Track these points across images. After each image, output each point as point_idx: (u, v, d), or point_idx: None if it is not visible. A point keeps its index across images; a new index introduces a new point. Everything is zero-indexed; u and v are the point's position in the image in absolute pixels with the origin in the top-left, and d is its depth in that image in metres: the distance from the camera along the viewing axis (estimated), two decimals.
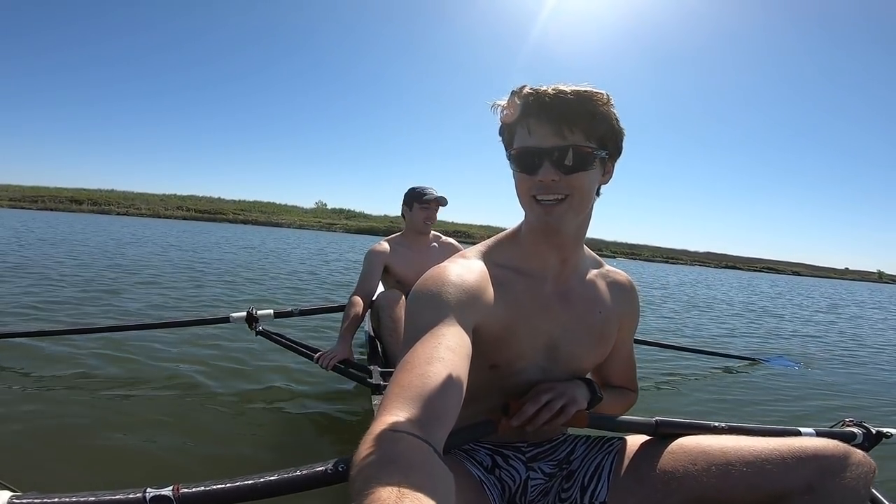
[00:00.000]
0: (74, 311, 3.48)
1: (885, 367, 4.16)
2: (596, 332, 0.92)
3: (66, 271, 5.33)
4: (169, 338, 2.80)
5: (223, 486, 0.65)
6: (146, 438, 1.68)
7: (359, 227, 38.93)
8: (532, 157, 0.77)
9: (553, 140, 0.76)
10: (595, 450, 0.91)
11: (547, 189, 0.78)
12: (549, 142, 0.76)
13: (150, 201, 40.01)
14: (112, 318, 3.36)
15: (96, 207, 34.52)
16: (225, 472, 0.68)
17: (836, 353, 4.69)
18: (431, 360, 0.61)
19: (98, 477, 1.43)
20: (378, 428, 0.50)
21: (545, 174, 0.76)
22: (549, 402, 0.84)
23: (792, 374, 3.49)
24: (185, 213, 36.74)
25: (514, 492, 0.90)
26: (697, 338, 4.77)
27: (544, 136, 0.76)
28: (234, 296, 4.87)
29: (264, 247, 13.28)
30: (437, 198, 2.37)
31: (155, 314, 3.63)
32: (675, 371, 3.21)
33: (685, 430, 0.86)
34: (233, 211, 40.29)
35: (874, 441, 0.97)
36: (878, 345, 5.53)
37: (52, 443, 1.59)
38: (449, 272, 0.78)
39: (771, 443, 0.79)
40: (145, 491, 0.63)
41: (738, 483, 0.76)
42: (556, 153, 0.76)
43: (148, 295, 4.38)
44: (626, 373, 1.06)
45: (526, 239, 0.88)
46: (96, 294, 4.17)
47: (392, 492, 0.38)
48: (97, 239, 10.68)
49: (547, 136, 0.76)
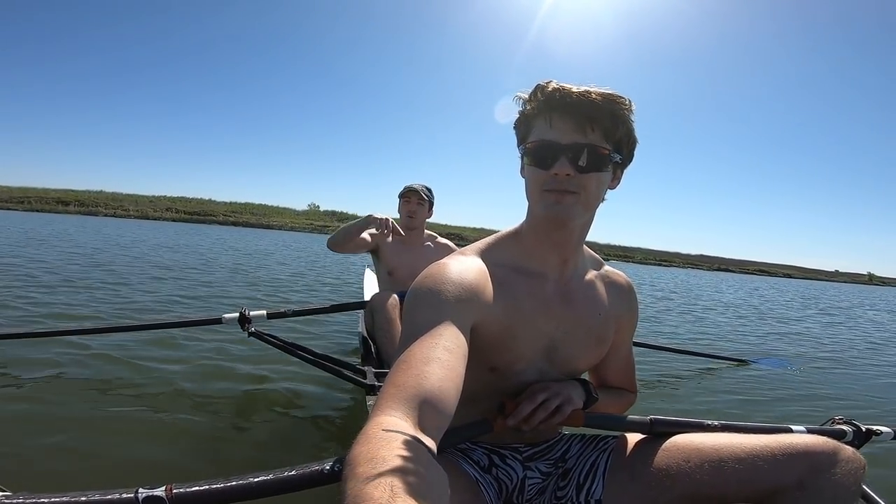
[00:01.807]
0: (63, 312, 3.43)
1: (874, 367, 4.22)
2: (595, 333, 0.92)
3: (54, 272, 5.25)
4: (160, 339, 2.76)
5: (216, 486, 0.64)
6: (138, 439, 1.66)
7: None
8: (549, 150, 0.77)
9: (573, 136, 0.76)
10: (590, 448, 0.92)
11: (559, 184, 0.78)
12: (569, 137, 0.76)
13: (140, 202, 39.52)
14: (102, 320, 3.31)
15: (84, 209, 34.03)
16: (218, 473, 0.68)
17: (826, 353, 4.75)
18: (428, 361, 0.61)
19: (89, 477, 1.41)
20: (372, 427, 0.50)
21: (560, 168, 0.77)
22: (545, 401, 0.84)
23: (782, 375, 3.52)
24: (175, 215, 36.29)
25: (512, 491, 0.90)
26: (688, 339, 4.80)
27: (565, 130, 0.77)
28: (226, 297, 4.82)
29: (251, 248, 13.19)
30: (410, 189, 2.36)
31: (145, 315, 3.58)
32: (666, 372, 3.23)
33: (679, 428, 0.87)
34: (223, 213, 39.90)
35: (864, 439, 0.98)
36: (868, 345, 5.60)
37: (43, 443, 1.57)
38: (448, 270, 0.78)
39: (762, 440, 0.80)
40: (137, 491, 0.62)
41: (730, 479, 0.77)
42: (573, 150, 0.76)
43: (138, 296, 4.33)
44: (624, 374, 1.06)
45: (528, 237, 0.88)
46: (85, 296, 4.11)
47: (384, 491, 0.38)
48: (85, 240, 10.54)
49: (567, 132, 0.77)
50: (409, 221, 2.38)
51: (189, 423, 1.82)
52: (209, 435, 1.75)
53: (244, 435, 1.79)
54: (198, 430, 1.78)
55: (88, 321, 3.22)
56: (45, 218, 22.08)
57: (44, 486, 1.35)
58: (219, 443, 1.71)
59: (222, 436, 1.76)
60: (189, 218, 36.03)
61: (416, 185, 2.39)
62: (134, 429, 1.73)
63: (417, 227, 2.40)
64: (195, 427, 1.80)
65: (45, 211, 31.33)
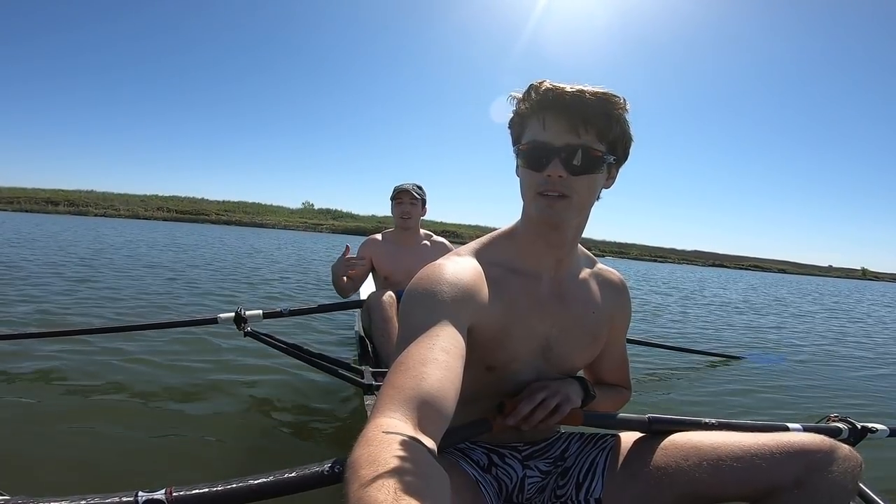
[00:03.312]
0: (54, 314, 3.39)
1: (869, 363, 4.26)
2: (590, 331, 0.93)
3: (42, 274, 5.20)
4: (155, 339, 2.74)
5: (216, 489, 0.64)
6: (137, 441, 1.65)
7: (346, 227, 38.59)
8: (542, 152, 0.77)
9: (566, 137, 0.76)
10: (589, 447, 0.92)
11: (552, 185, 0.78)
12: (563, 139, 0.76)
13: (131, 202, 39.16)
14: (96, 320, 3.28)
15: (73, 208, 33.69)
16: (217, 475, 0.67)
17: (821, 349, 4.80)
18: (426, 362, 0.61)
19: (88, 480, 1.40)
20: (372, 429, 0.50)
21: (553, 170, 0.76)
22: (543, 400, 0.85)
23: (778, 371, 3.56)
24: (166, 214, 35.97)
25: (511, 490, 0.90)
26: (683, 335, 4.84)
27: (559, 132, 0.76)
28: (221, 296, 4.80)
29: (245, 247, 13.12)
30: (401, 190, 2.33)
31: (139, 316, 3.55)
32: (662, 369, 3.26)
33: (677, 426, 0.88)
34: (216, 211, 39.64)
35: (860, 436, 0.99)
36: (863, 341, 5.66)
37: (41, 446, 1.56)
38: (444, 270, 0.78)
39: (759, 438, 0.80)
40: (137, 494, 0.61)
41: (728, 478, 0.77)
42: (566, 151, 0.76)
43: (129, 296, 4.29)
44: (619, 371, 1.07)
45: (522, 237, 0.88)
46: (79, 296, 4.07)
47: (388, 493, 0.38)
48: (75, 240, 10.44)
49: (561, 133, 0.76)
50: (404, 223, 2.36)
51: (186, 425, 1.82)
52: (208, 436, 1.74)
53: (242, 436, 1.79)
54: (196, 431, 1.77)
55: (82, 323, 3.18)
56: (35, 219, 21.83)
57: (43, 489, 1.34)
58: (217, 444, 1.70)
59: (221, 437, 1.75)
60: (181, 217, 35.77)
61: (407, 185, 2.36)
62: (132, 431, 1.72)
63: (412, 228, 2.39)
64: (193, 429, 1.79)
65: (35, 211, 31.00)
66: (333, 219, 44.87)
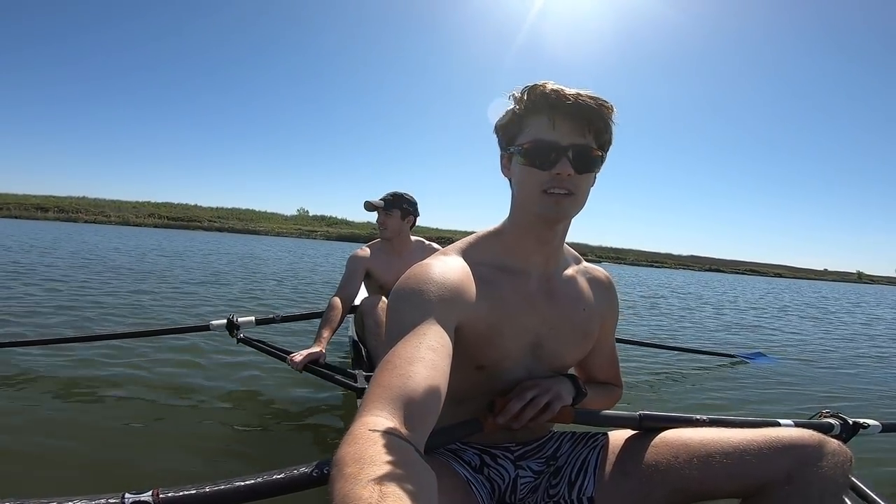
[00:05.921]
0: (48, 321, 3.36)
1: (861, 362, 4.31)
2: (580, 328, 0.93)
3: (35, 280, 5.14)
4: (147, 347, 2.72)
5: (204, 490, 0.63)
6: (125, 445, 1.65)
7: (339, 233, 38.54)
8: (550, 151, 0.78)
9: (573, 137, 0.78)
10: (581, 445, 0.92)
11: (560, 183, 0.79)
12: (570, 139, 0.78)
13: (122, 208, 38.91)
14: (88, 328, 3.25)
15: (63, 215, 33.40)
16: (206, 477, 0.67)
17: (814, 349, 4.85)
18: (413, 360, 0.61)
19: (76, 482, 1.39)
20: (358, 427, 0.50)
21: (563, 168, 0.78)
22: (534, 398, 0.84)
23: (771, 370, 3.58)
24: (157, 221, 35.74)
25: (504, 490, 0.90)
26: (679, 336, 4.86)
27: (567, 132, 0.78)
28: (213, 303, 4.76)
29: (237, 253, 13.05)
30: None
31: (132, 323, 3.52)
32: (656, 369, 3.27)
33: (668, 423, 0.88)
34: (209, 218, 39.43)
35: (851, 432, 0.99)
36: (855, 341, 5.73)
37: (30, 449, 1.55)
38: (430, 269, 0.78)
39: (750, 434, 0.81)
40: (124, 496, 0.60)
41: (719, 474, 0.77)
42: (574, 150, 0.78)
43: (123, 304, 4.25)
44: (609, 368, 1.07)
45: (510, 236, 0.88)
46: (70, 304, 4.03)
47: (373, 491, 0.38)
48: (69, 248, 10.34)
49: (568, 133, 0.78)
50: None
51: (177, 429, 1.81)
52: (197, 440, 1.73)
53: (233, 440, 1.77)
54: (185, 435, 1.76)
55: (73, 330, 3.15)
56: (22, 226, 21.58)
57: (30, 491, 1.33)
58: (207, 447, 1.69)
59: (210, 441, 1.74)
60: (172, 224, 35.55)
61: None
62: (121, 434, 1.71)
63: (392, 237, 2.41)
64: (183, 432, 1.78)
65: (24, 217, 30.70)
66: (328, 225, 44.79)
